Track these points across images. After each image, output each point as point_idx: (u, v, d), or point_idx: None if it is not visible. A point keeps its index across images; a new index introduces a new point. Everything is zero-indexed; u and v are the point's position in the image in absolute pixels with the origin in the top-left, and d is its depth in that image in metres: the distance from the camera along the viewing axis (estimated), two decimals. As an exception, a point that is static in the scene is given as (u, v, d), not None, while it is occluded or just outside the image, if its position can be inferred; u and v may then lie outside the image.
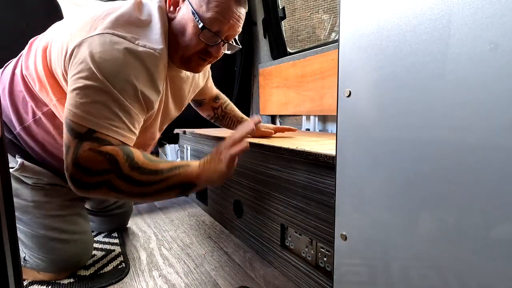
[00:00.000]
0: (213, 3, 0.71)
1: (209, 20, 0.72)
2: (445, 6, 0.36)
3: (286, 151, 0.82)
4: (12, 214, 0.36)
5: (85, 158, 0.62)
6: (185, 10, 0.74)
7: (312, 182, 0.77)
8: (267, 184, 0.96)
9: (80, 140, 0.63)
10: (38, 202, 0.83)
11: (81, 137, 0.63)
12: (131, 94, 0.67)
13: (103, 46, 0.64)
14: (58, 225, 0.85)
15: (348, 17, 0.48)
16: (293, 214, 0.85)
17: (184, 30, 0.74)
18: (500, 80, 0.32)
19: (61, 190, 0.88)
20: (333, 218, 0.54)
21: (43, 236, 0.83)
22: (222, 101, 1.22)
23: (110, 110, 0.65)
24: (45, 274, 0.87)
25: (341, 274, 0.55)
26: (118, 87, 0.65)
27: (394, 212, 0.44)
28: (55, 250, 0.85)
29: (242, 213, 1.13)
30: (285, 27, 1.87)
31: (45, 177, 0.84)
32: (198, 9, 0.72)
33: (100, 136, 0.64)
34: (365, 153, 0.47)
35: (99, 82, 0.63)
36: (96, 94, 0.64)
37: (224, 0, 0.72)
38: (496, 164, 0.33)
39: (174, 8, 0.76)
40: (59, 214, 0.86)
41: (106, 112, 0.64)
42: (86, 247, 0.94)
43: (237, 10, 0.74)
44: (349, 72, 0.49)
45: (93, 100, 0.63)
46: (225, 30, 0.75)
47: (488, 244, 0.34)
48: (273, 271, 0.94)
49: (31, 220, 0.82)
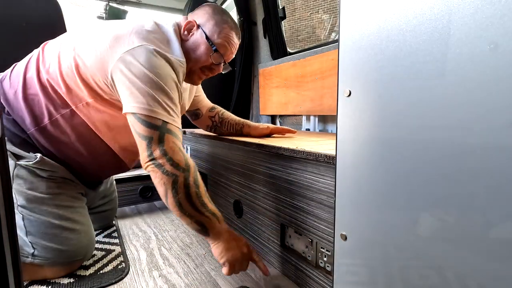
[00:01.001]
0: (222, 34, 0.94)
1: (218, 45, 0.94)
2: (445, 6, 0.36)
3: (286, 151, 0.82)
4: (12, 214, 0.36)
5: (171, 148, 0.77)
6: (198, 35, 0.94)
7: (312, 182, 0.77)
8: (267, 184, 0.96)
9: (162, 132, 0.77)
10: (53, 194, 0.89)
11: (160, 129, 0.77)
12: (175, 90, 0.83)
13: (146, 54, 0.79)
14: (71, 216, 0.92)
15: (348, 17, 0.48)
16: (293, 214, 0.85)
17: (196, 49, 0.94)
18: (500, 80, 0.32)
19: (71, 183, 0.95)
20: (333, 218, 0.54)
21: (58, 225, 0.88)
22: (218, 110, 1.28)
23: (167, 104, 0.79)
24: (51, 270, 0.89)
25: (341, 274, 0.55)
26: (168, 84, 0.80)
27: (394, 212, 0.44)
28: (68, 240, 0.89)
29: (242, 213, 1.13)
30: (285, 27, 1.87)
31: (59, 170, 0.91)
32: (211, 36, 0.94)
33: (171, 128, 0.79)
34: (365, 153, 0.47)
35: (152, 81, 0.78)
36: (154, 91, 0.77)
37: (230, 32, 0.95)
38: (496, 164, 0.33)
39: (188, 32, 0.95)
40: (71, 205, 0.93)
41: (166, 106, 0.79)
42: (92, 241, 0.98)
43: (236, 41, 0.99)
44: (349, 72, 0.49)
45: (153, 97, 0.77)
46: (227, 54, 0.98)
47: (488, 244, 0.34)
48: (273, 271, 0.94)
49: (46, 210, 0.87)
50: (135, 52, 0.79)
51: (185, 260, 1.01)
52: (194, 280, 0.89)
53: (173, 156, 0.76)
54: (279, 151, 0.86)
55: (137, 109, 0.77)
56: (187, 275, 0.91)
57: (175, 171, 0.75)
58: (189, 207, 0.76)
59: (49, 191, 0.88)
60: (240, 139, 1.08)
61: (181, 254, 1.04)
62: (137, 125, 0.77)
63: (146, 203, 1.65)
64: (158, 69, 0.79)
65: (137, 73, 0.77)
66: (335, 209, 0.54)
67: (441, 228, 0.38)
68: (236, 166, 1.13)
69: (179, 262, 0.99)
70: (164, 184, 0.75)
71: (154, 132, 0.76)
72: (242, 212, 1.13)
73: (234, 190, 1.18)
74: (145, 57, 0.79)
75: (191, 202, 0.76)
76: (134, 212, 1.51)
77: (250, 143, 1.00)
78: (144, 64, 0.78)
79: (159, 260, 1.01)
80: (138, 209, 1.55)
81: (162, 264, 0.98)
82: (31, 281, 0.88)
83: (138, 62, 0.78)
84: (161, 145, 0.76)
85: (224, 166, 1.24)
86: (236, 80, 2.05)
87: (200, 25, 0.94)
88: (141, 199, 1.63)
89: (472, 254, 0.36)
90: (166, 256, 1.03)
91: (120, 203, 1.55)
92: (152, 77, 0.78)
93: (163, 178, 0.75)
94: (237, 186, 1.15)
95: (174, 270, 0.94)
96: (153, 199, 1.67)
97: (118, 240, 1.15)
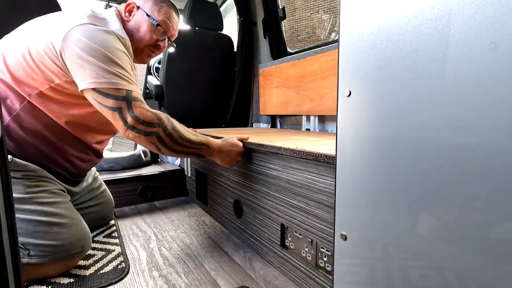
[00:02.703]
0: (162, 11, 1.01)
1: (160, 22, 1.01)
2: (445, 6, 0.36)
3: (286, 151, 0.82)
4: (12, 214, 0.36)
5: (140, 113, 0.84)
6: (139, 15, 1.00)
7: (312, 182, 0.77)
8: (267, 184, 0.96)
9: (129, 101, 0.83)
10: (32, 193, 0.88)
11: (126, 98, 0.83)
12: (127, 61, 0.88)
13: (89, 30, 0.83)
14: (57, 211, 0.91)
15: (348, 17, 0.48)
16: (293, 214, 0.85)
17: (139, 28, 1.00)
18: (500, 80, 0.32)
19: (49, 181, 0.95)
20: (333, 218, 0.54)
21: (46, 222, 0.88)
22: None
23: (123, 74, 0.84)
24: (52, 267, 0.88)
25: (341, 274, 0.55)
26: (117, 55, 0.85)
27: (394, 212, 0.44)
28: (60, 234, 0.89)
29: (242, 213, 1.13)
30: (285, 27, 1.87)
31: (33, 169, 0.91)
32: (151, 14, 1.00)
33: (135, 96, 0.85)
34: (365, 153, 0.47)
35: (103, 55, 0.81)
36: (106, 64, 0.81)
37: (169, 10, 1.03)
38: (496, 164, 0.33)
39: (129, 13, 1.01)
40: (54, 201, 0.92)
41: (123, 76, 0.84)
42: (86, 233, 0.98)
43: (176, 19, 1.07)
44: (349, 72, 0.49)
45: (107, 70, 0.81)
46: (169, 30, 1.04)
47: (488, 244, 0.34)
48: (273, 271, 0.94)
49: (30, 209, 0.87)
50: (78, 29, 0.82)
51: (185, 260, 1.01)
52: (194, 280, 0.89)
53: (145, 119, 0.84)
54: (279, 151, 0.86)
55: (97, 84, 0.80)
56: (187, 275, 0.91)
57: (153, 129, 0.85)
58: (179, 148, 0.90)
59: (28, 191, 0.88)
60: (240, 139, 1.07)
61: (181, 254, 1.04)
62: (102, 99, 0.82)
63: (146, 203, 1.65)
64: (104, 42, 0.83)
65: (85, 49, 0.80)
66: (335, 209, 0.54)
67: (441, 228, 0.38)
68: (236, 166, 1.13)
69: (179, 262, 0.99)
70: (152, 143, 0.86)
71: (122, 103, 0.82)
72: (242, 212, 1.13)
73: (234, 190, 1.18)
74: (89, 32, 0.82)
75: (179, 144, 0.89)
76: (134, 212, 1.51)
77: (250, 143, 1.01)
78: (90, 39, 0.81)
79: (159, 260, 1.01)
80: (138, 209, 1.54)
81: (162, 264, 0.98)
82: (31, 281, 0.88)
83: (84, 38, 0.81)
84: (131, 113, 0.83)
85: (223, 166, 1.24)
86: (236, 80, 2.05)
87: (139, 6, 1.00)
88: (141, 199, 1.63)
89: (472, 254, 0.36)
90: (166, 256, 1.03)
91: (120, 203, 1.55)
92: (101, 50, 0.81)
93: (148, 139, 0.85)
94: (237, 186, 1.15)
95: (174, 270, 0.94)
96: (153, 199, 1.67)
97: (118, 240, 1.15)
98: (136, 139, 0.85)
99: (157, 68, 2.47)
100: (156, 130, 0.85)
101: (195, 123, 1.95)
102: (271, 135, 1.28)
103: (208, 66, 1.97)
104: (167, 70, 1.82)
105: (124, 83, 0.84)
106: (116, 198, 1.47)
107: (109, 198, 1.30)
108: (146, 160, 1.87)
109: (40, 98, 0.88)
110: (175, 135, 0.88)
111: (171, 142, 0.88)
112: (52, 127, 0.92)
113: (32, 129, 0.89)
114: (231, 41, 2.05)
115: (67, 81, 0.87)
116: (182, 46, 1.82)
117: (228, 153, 1.00)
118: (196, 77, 1.94)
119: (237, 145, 1.02)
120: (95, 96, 0.82)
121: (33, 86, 0.87)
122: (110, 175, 1.57)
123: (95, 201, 1.23)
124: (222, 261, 1.00)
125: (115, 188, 1.51)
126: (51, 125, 0.92)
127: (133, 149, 1.84)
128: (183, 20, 1.86)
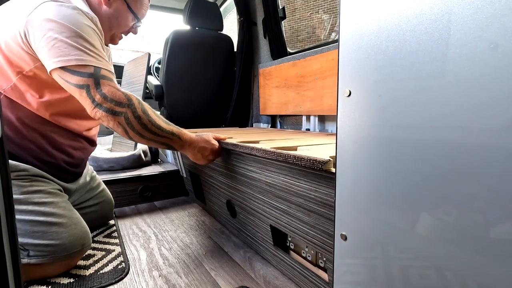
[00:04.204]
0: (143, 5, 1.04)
1: (140, 14, 1.04)
2: (445, 6, 0.36)
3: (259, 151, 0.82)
4: (12, 214, 0.36)
5: (109, 91, 0.80)
6: (119, 4, 0.98)
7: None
8: (250, 186, 0.96)
9: (97, 78, 0.79)
10: (28, 193, 0.88)
11: (94, 75, 0.79)
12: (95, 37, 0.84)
13: (54, 7, 0.79)
14: (55, 211, 0.90)
15: (348, 17, 0.48)
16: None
17: (119, 16, 0.99)
18: (500, 80, 0.32)
19: (44, 180, 0.94)
20: (333, 218, 0.54)
21: (44, 222, 0.87)
22: None
23: (90, 50, 0.81)
24: (52, 266, 0.88)
25: (341, 274, 0.55)
26: (85, 30, 0.81)
27: (394, 212, 0.44)
28: (59, 234, 0.88)
29: (235, 213, 1.13)
30: (285, 27, 1.87)
31: (26, 169, 0.90)
32: (133, 7, 1.01)
33: (104, 73, 0.81)
34: (365, 153, 0.47)
35: (69, 30, 0.78)
36: (73, 40, 0.78)
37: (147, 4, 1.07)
38: (496, 164, 0.33)
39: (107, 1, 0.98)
40: (51, 201, 0.91)
41: (90, 52, 0.80)
42: (86, 231, 0.97)
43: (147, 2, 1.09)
44: (349, 72, 0.49)
45: (74, 46, 0.78)
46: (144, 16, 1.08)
47: (488, 244, 0.34)
48: (273, 271, 0.94)
49: (26, 210, 0.86)
50: (40, 8, 0.78)
51: (185, 260, 1.01)
52: (194, 280, 0.89)
53: (114, 97, 0.80)
54: (252, 151, 0.82)
55: (64, 62, 0.77)
56: (187, 275, 0.91)
57: (122, 109, 0.81)
58: (148, 134, 0.86)
59: (23, 191, 0.87)
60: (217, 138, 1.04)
61: (181, 254, 1.04)
62: (69, 77, 0.78)
63: (146, 203, 1.65)
64: (70, 18, 0.79)
65: (50, 27, 0.77)
66: (335, 209, 0.54)
67: (441, 228, 0.38)
68: (221, 167, 1.13)
69: (179, 262, 0.99)
70: (119, 124, 0.82)
71: (89, 80, 0.79)
72: (235, 213, 1.13)
73: (224, 191, 1.18)
74: (53, 9, 0.78)
75: (148, 130, 0.85)
76: (134, 212, 1.51)
77: (226, 143, 0.98)
78: (54, 16, 0.77)
79: (159, 260, 1.01)
80: (138, 209, 1.55)
81: (162, 264, 0.98)
82: (31, 281, 0.88)
83: (47, 16, 0.77)
84: (99, 90, 0.79)
85: (211, 167, 1.24)
86: (236, 80, 2.05)
87: None
88: (141, 199, 1.63)
89: (472, 254, 0.36)
90: (166, 256, 1.03)
91: (120, 203, 1.55)
92: (65, 24, 0.77)
93: (115, 119, 0.81)
94: (225, 187, 1.15)
95: (174, 270, 0.94)
96: (153, 199, 1.67)
97: (118, 240, 1.15)
98: (103, 119, 0.81)
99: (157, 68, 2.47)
100: (124, 110, 0.81)
101: (195, 123, 1.96)
102: (271, 135, 1.28)
103: (208, 66, 1.97)
104: (167, 70, 1.82)
105: (91, 59, 0.79)
106: (116, 198, 1.47)
107: (108, 198, 1.30)
108: (146, 160, 1.88)
109: (14, 91, 0.86)
110: (144, 119, 0.84)
111: (139, 126, 0.84)
112: (35, 120, 0.90)
113: (15, 125, 0.87)
114: (231, 41, 2.05)
115: (36, 66, 0.84)
116: (182, 46, 1.82)
117: (200, 149, 0.97)
118: (196, 77, 1.94)
119: (210, 143, 0.98)
120: (62, 74, 0.78)
121: (7, 79, 0.85)
122: (110, 175, 1.57)
123: (94, 200, 1.23)
124: (222, 261, 1.00)
125: (115, 188, 1.51)
126: (33, 117, 0.90)
127: (133, 149, 1.84)
128: (183, 20, 1.86)
